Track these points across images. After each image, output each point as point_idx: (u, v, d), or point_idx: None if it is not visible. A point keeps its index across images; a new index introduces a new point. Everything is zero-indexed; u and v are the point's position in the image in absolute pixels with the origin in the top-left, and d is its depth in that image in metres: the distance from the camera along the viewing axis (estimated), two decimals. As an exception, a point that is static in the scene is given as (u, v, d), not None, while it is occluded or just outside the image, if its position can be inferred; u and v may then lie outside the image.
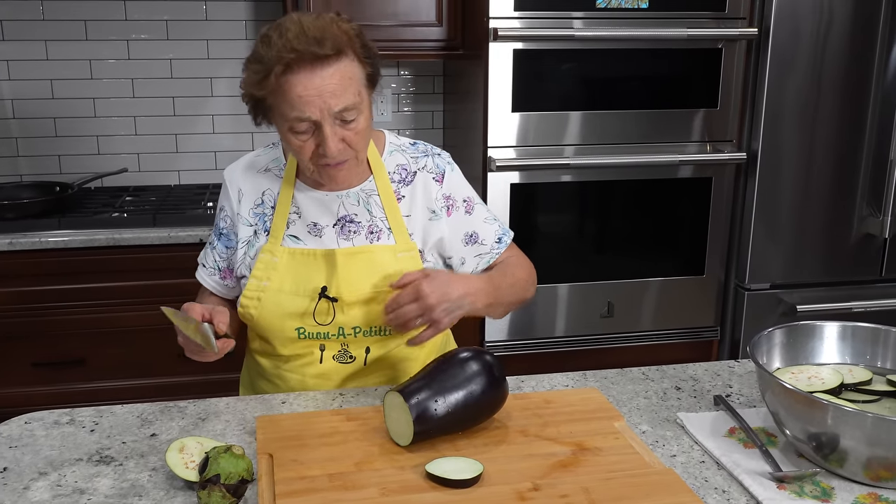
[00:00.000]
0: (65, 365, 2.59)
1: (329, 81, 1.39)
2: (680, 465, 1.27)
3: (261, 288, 1.55)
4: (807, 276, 2.85)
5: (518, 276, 1.64)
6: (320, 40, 1.38)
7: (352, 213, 1.58)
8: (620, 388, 1.53)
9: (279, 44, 1.38)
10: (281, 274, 1.55)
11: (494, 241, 1.66)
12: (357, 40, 1.45)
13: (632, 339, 2.87)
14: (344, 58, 1.42)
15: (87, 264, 2.53)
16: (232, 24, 3.00)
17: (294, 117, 1.41)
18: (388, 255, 1.57)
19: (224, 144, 3.10)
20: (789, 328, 1.37)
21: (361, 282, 1.54)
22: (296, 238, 1.57)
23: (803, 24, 2.62)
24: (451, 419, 1.29)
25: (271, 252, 1.56)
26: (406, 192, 1.61)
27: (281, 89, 1.40)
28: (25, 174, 2.98)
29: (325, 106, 1.40)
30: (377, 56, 1.50)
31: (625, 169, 2.69)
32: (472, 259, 1.66)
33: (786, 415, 1.23)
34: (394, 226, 1.58)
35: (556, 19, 2.55)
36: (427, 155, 1.64)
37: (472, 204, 1.66)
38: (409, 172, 1.62)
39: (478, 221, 1.66)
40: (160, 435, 1.37)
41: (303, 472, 1.21)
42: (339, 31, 1.41)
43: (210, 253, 1.66)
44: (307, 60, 1.38)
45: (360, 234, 1.58)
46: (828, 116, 2.70)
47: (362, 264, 1.55)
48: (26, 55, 2.90)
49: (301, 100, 1.39)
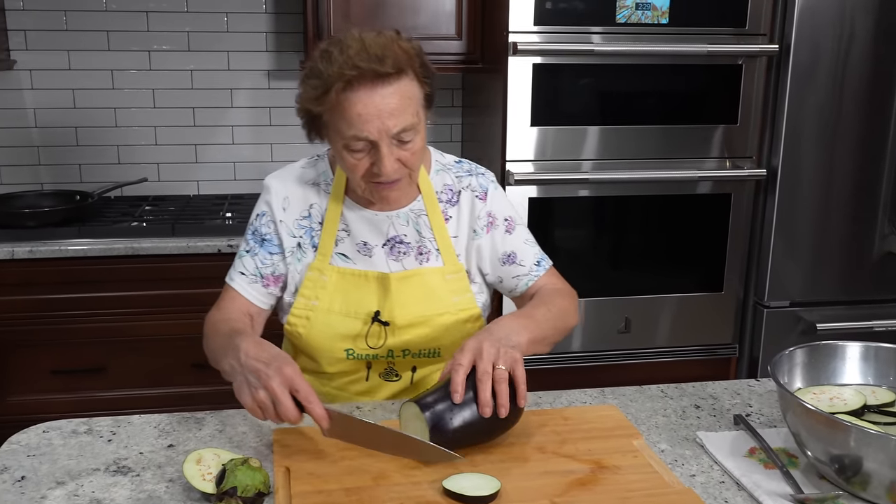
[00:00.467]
0: (83, 373, 2.61)
1: (389, 101, 1.37)
2: (699, 485, 1.25)
3: (309, 307, 1.54)
4: (827, 295, 2.83)
5: (559, 305, 1.55)
6: (381, 58, 1.36)
7: (401, 233, 1.57)
8: (639, 406, 1.52)
9: (340, 60, 1.36)
10: (330, 294, 1.54)
11: (533, 264, 1.63)
12: (417, 59, 1.43)
13: (648, 356, 2.85)
14: (404, 77, 1.40)
15: (105, 273, 2.55)
16: (253, 35, 3.02)
17: (351, 136, 1.39)
18: (438, 279, 1.56)
19: (243, 155, 3.12)
20: (811, 347, 1.36)
21: (413, 306, 1.53)
22: (345, 257, 1.56)
23: (824, 40, 2.60)
24: (467, 431, 1.28)
25: (320, 270, 1.55)
26: (453, 212, 1.60)
27: (340, 106, 1.38)
28: (46, 183, 3.00)
29: (384, 126, 1.38)
30: (435, 76, 1.48)
31: (644, 184, 2.69)
32: (510, 280, 1.63)
33: (807, 436, 1.21)
34: (442, 247, 1.57)
35: (575, 34, 2.55)
36: (471, 174, 1.63)
37: (513, 224, 1.64)
38: (454, 192, 1.60)
39: (518, 242, 1.63)
40: (177, 446, 1.37)
41: (320, 485, 1.21)
42: (399, 50, 1.39)
43: (251, 260, 1.58)
44: (368, 78, 1.36)
45: (409, 256, 1.57)
46: (849, 133, 2.69)
47: (414, 288, 1.54)
48: (49, 65, 2.93)
49: (360, 118, 1.37)
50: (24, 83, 2.93)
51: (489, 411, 1.27)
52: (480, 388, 1.27)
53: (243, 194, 3.09)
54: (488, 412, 1.27)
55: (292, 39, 3.04)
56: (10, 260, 2.48)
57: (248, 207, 2.86)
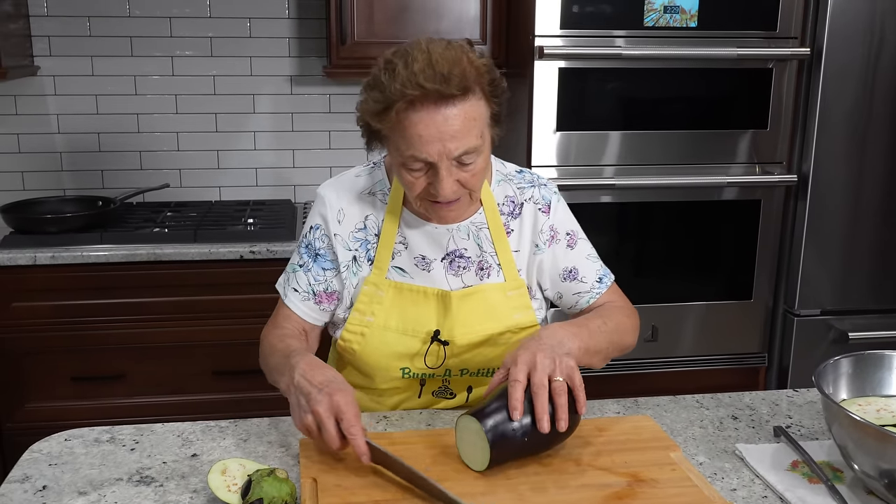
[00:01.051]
0: (104, 380, 2.59)
1: (452, 123, 1.30)
2: (741, 500, 1.21)
3: (364, 323, 1.49)
4: (858, 303, 2.76)
5: (616, 320, 1.48)
6: (447, 78, 1.28)
7: (461, 247, 1.51)
8: (674, 416, 1.47)
9: (403, 75, 1.29)
10: (386, 309, 1.48)
11: (595, 281, 1.57)
12: (486, 76, 1.35)
13: (676, 364, 2.79)
14: (471, 97, 1.32)
15: (127, 279, 2.53)
16: (275, 41, 3.00)
17: (409, 155, 1.34)
18: (499, 295, 1.50)
19: (265, 161, 3.10)
20: (856, 357, 1.30)
21: (473, 324, 1.48)
22: (402, 271, 1.50)
23: (856, 44, 2.55)
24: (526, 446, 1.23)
25: (376, 285, 1.49)
26: (514, 225, 1.54)
27: (400, 125, 1.32)
28: (69, 189, 3.00)
29: (444, 150, 1.31)
30: (505, 93, 1.40)
31: (671, 190, 2.64)
32: (570, 297, 1.57)
33: (855, 449, 1.16)
34: (503, 262, 1.51)
35: (602, 38, 2.51)
36: (534, 185, 1.56)
37: (575, 238, 1.58)
38: (516, 205, 1.54)
39: (580, 257, 1.57)
40: (201, 455, 1.34)
41: (347, 497, 1.17)
42: (468, 66, 1.31)
43: (304, 275, 1.53)
44: (431, 99, 1.29)
45: (469, 271, 1.51)
46: (881, 138, 2.63)
47: (475, 306, 1.49)
48: (73, 70, 2.92)
49: (420, 139, 1.31)
50: (48, 89, 2.92)
51: (547, 426, 1.21)
52: (536, 402, 1.21)
53: (265, 200, 3.07)
54: (546, 427, 1.21)
55: (315, 44, 3.02)
56: (32, 266, 2.47)
57: (270, 213, 2.85)
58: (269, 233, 2.62)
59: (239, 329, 2.58)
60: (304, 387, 1.27)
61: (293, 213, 2.90)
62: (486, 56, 1.39)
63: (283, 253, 2.54)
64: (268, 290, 2.50)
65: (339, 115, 3.07)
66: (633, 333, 1.52)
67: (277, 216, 2.82)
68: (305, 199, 3.13)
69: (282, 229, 2.63)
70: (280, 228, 2.64)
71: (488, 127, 1.38)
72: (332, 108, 3.07)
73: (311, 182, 3.13)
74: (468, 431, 1.24)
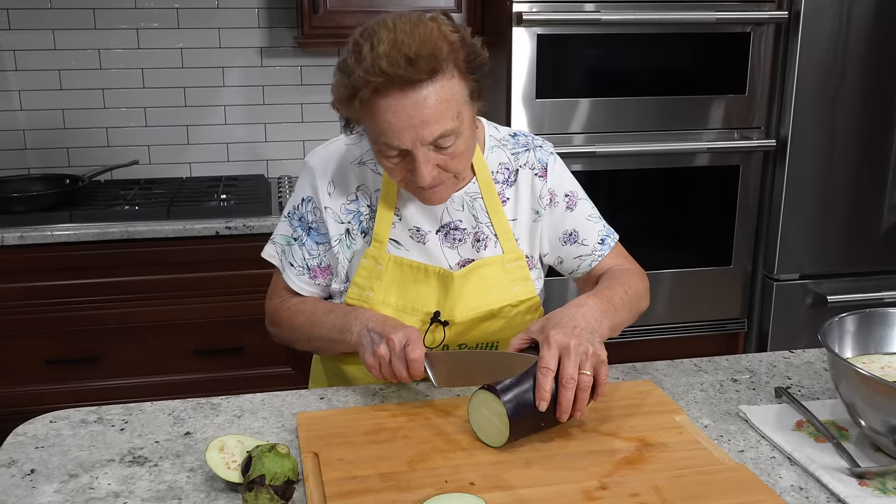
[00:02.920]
0: (78, 362, 2.52)
1: (422, 108, 1.23)
2: (750, 461, 1.20)
3: (363, 298, 1.45)
4: (836, 266, 2.78)
5: (635, 287, 1.43)
6: (414, 60, 1.20)
7: (456, 219, 1.46)
8: (674, 381, 1.46)
9: (368, 61, 1.21)
10: (385, 285, 1.44)
11: (597, 242, 1.52)
12: (461, 51, 1.27)
13: (656, 332, 2.80)
14: (441, 77, 1.24)
15: (100, 258, 2.45)
16: (244, 12, 2.92)
17: (383, 143, 1.28)
18: (498, 269, 1.46)
19: (237, 135, 3.02)
20: (861, 315, 1.30)
21: (473, 301, 1.44)
22: (397, 243, 1.46)
23: (833, 8, 2.54)
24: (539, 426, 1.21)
25: (375, 259, 1.44)
26: (510, 193, 1.48)
27: (368, 112, 1.26)
28: (33, 168, 2.90)
29: (418, 136, 1.25)
30: (485, 64, 1.32)
31: (651, 157, 2.62)
32: (571, 261, 1.53)
33: (864, 406, 1.15)
34: (500, 233, 1.46)
35: (580, 2, 2.48)
36: (528, 149, 1.51)
37: (574, 199, 1.52)
38: (511, 172, 1.48)
39: (580, 219, 1.52)
40: (195, 433, 1.30)
41: (352, 471, 1.14)
42: (440, 42, 1.23)
43: (298, 250, 1.49)
44: (397, 85, 1.22)
45: (465, 243, 1.46)
46: (858, 102, 2.63)
47: (475, 284, 1.44)
48: (33, 45, 2.81)
49: (390, 127, 1.25)
50: (8, 64, 2.82)
51: (566, 417, 1.19)
52: (562, 394, 1.18)
53: (238, 175, 3.00)
54: (566, 418, 1.19)
55: (286, 15, 2.94)
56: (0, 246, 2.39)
57: (243, 189, 2.78)
58: (244, 208, 2.56)
59: (218, 307, 2.53)
60: (378, 328, 1.32)
61: (267, 188, 2.84)
62: (463, 27, 1.31)
63: (259, 228, 2.48)
64: (245, 265, 2.48)
65: (311, 87, 3.00)
66: (646, 296, 1.50)
67: (251, 191, 2.76)
68: (279, 173, 3.07)
69: (257, 204, 2.57)
70: (255, 203, 2.58)
71: (467, 105, 1.30)
72: (304, 80, 3.00)
73: (284, 156, 3.06)
74: (489, 409, 1.20)
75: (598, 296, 1.34)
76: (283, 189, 2.79)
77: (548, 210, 1.51)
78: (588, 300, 1.31)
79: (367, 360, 1.31)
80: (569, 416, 1.20)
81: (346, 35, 1.33)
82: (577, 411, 1.20)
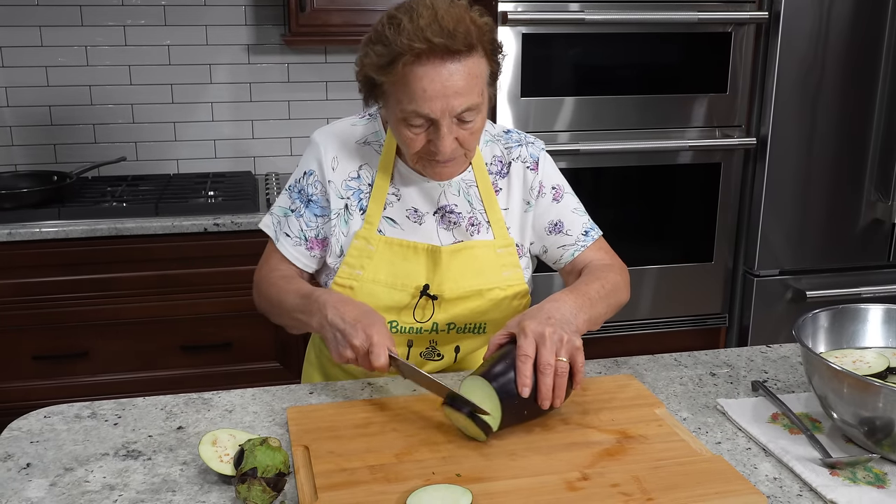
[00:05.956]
0: (67, 358, 2.53)
1: (456, 79, 1.31)
2: (726, 453, 1.24)
3: (353, 276, 1.50)
4: (815, 262, 2.84)
5: (612, 281, 1.48)
6: (453, 33, 1.29)
7: (452, 203, 1.52)
8: (654, 375, 1.50)
9: (409, 29, 1.29)
10: (376, 263, 1.49)
11: (581, 234, 1.59)
12: (489, 35, 1.36)
13: (638, 327, 2.84)
14: (474, 54, 1.33)
15: (88, 255, 2.47)
16: (231, 9, 2.94)
17: (412, 110, 1.34)
18: (489, 252, 1.52)
19: (224, 132, 3.04)
20: (833, 311, 1.34)
21: (463, 279, 1.50)
22: (393, 222, 1.51)
23: (813, 8, 2.59)
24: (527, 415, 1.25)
25: (366, 239, 1.50)
26: (503, 184, 1.56)
27: (405, 79, 1.32)
28: (20, 164, 2.91)
29: (448, 106, 1.33)
30: (501, 51, 1.41)
31: (633, 154, 2.67)
32: (555, 251, 1.59)
33: (835, 399, 1.20)
34: (492, 219, 1.53)
35: (565, 2, 2.51)
36: (521, 144, 1.58)
37: (561, 192, 1.60)
38: (504, 164, 1.56)
39: (565, 210, 1.59)
40: (187, 428, 1.32)
41: (342, 464, 1.17)
42: (472, 25, 1.32)
43: (295, 221, 1.54)
44: (438, 54, 1.30)
45: (460, 226, 1.53)
46: (837, 101, 2.68)
47: (464, 261, 1.50)
48: (20, 41, 2.82)
49: (424, 94, 1.31)
50: (-6, 61, 2.83)
51: (548, 404, 1.23)
52: (541, 381, 1.22)
53: (225, 172, 3.02)
54: (548, 405, 1.23)
55: (273, 12, 2.96)
56: (-12, 243, 2.40)
57: (231, 185, 2.80)
58: (232, 205, 2.58)
59: (206, 303, 2.55)
60: (338, 324, 1.33)
61: (255, 185, 2.86)
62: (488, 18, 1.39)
63: (247, 225, 2.50)
64: (233, 262, 2.51)
65: (298, 84, 3.02)
66: (626, 290, 1.54)
67: (239, 188, 2.78)
68: (266, 170, 3.09)
69: (245, 201, 2.59)
70: (243, 200, 2.60)
71: (487, 86, 1.40)
72: (291, 77, 3.02)
73: (271, 153, 3.08)
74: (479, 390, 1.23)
75: (574, 291, 1.40)
76: (270, 186, 2.81)
77: (536, 201, 1.57)
78: (563, 295, 1.37)
79: (335, 357, 1.36)
80: (549, 405, 1.23)
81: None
82: (556, 399, 1.24)
